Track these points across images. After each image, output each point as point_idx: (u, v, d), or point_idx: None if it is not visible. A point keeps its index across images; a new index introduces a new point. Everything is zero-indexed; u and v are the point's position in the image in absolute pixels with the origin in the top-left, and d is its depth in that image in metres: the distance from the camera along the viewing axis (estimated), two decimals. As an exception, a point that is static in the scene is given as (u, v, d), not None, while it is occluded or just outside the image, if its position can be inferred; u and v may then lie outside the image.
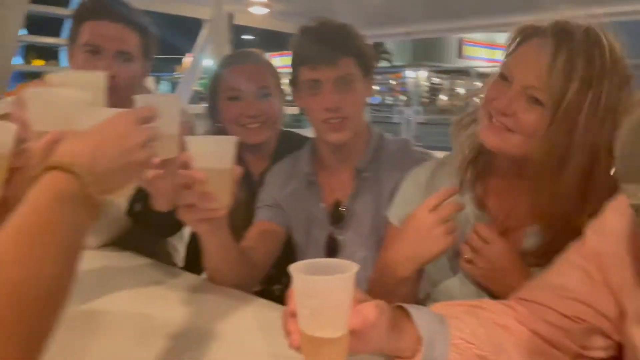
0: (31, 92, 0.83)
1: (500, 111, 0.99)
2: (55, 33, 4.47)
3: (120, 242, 1.46)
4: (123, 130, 0.72)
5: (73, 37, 1.45)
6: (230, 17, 3.65)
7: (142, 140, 0.74)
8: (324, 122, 1.28)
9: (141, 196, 1.04)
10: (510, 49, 1.05)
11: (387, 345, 0.78)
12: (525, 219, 1.08)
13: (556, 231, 1.01)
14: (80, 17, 1.44)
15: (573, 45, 0.93)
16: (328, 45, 1.25)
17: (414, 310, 0.82)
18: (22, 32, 3.62)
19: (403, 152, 1.39)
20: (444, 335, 0.81)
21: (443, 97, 26.86)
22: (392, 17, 4.14)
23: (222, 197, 0.95)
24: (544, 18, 1.02)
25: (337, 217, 1.36)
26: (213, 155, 0.94)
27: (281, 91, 1.57)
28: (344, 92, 1.27)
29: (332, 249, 1.35)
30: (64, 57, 4.45)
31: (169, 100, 0.97)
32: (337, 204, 1.37)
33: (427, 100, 25.64)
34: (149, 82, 4.49)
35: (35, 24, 3.92)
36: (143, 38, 1.47)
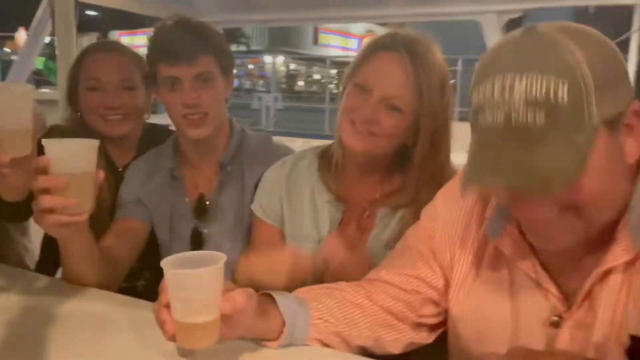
0: None
1: (364, 119, 1.10)
2: None
3: None
4: None
5: None
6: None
7: None
8: (184, 118, 1.27)
9: None
10: (361, 60, 1.15)
11: (255, 329, 0.86)
12: (376, 204, 1.20)
13: (403, 213, 1.17)
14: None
15: (420, 57, 1.09)
16: (187, 43, 1.25)
17: (278, 296, 0.90)
18: None
19: (265, 146, 1.43)
20: (305, 317, 0.91)
21: (300, 83, 27.49)
22: (249, 4, 4.14)
23: (83, 202, 0.91)
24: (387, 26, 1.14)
25: (201, 211, 1.36)
26: (74, 160, 0.88)
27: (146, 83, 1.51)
28: (202, 88, 1.27)
29: (197, 242, 1.35)
30: None
31: (19, 91, 0.90)
32: (202, 198, 1.37)
33: (285, 87, 26.04)
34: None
35: None
36: None
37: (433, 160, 1.14)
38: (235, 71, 1.43)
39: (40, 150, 0.90)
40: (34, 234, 1.68)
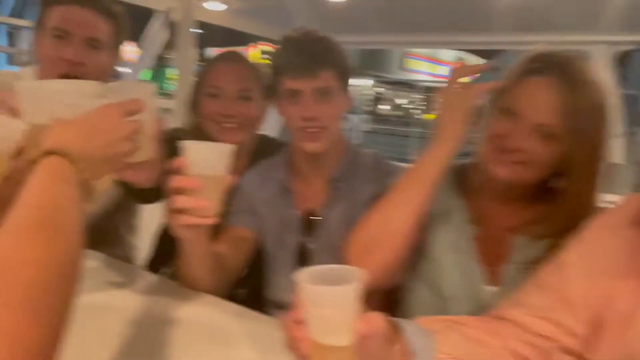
0: (24, 85, 0.81)
1: (513, 147, 1.06)
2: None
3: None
4: (110, 122, 0.73)
5: (40, 21, 1.38)
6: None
7: (127, 134, 0.75)
8: (302, 131, 1.30)
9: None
10: (510, 83, 1.11)
11: (380, 357, 0.79)
12: (514, 231, 1.16)
13: (544, 243, 1.10)
14: (47, 2, 1.37)
15: (575, 80, 1.04)
16: (310, 57, 1.28)
17: (405, 324, 0.84)
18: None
19: (377, 164, 1.42)
20: (429, 350, 0.85)
21: (384, 107, 27.44)
22: (347, 25, 4.21)
23: (214, 205, 0.93)
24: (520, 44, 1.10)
25: (308, 226, 1.36)
26: (208, 162, 0.91)
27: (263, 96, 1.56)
28: (322, 102, 1.28)
29: (303, 257, 1.35)
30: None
31: (144, 89, 0.92)
32: (310, 213, 1.38)
33: (369, 109, 26.11)
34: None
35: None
36: (114, 26, 1.42)
37: (585, 190, 1.08)
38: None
39: (173, 151, 0.94)
40: (142, 234, 1.77)
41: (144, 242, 1.71)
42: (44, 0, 1.39)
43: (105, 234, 1.53)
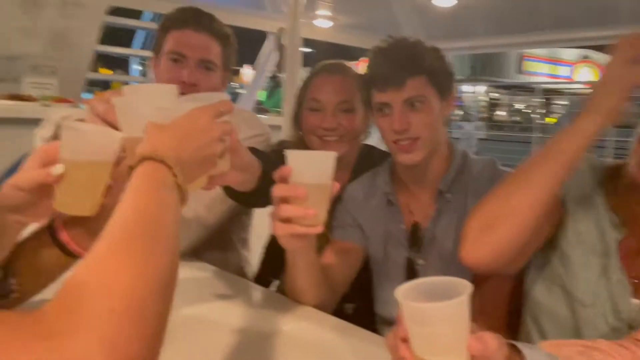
0: (120, 99, 0.85)
1: None
2: (126, 44, 4.68)
3: (193, 252, 1.47)
4: (202, 124, 0.74)
5: (158, 47, 1.49)
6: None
7: (219, 135, 0.77)
8: (394, 143, 1.25)
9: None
10: None
11: None
12: None
13: None
14: (165, 27, 1.48)
15: None
16: (396, 67, 1.23)
17: (527, 350, 0.76)
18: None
19: (491, 171, 1.31)
20: None
21: (501, 113, 26.21)
22: (457, 31, 4.09)
23: (319, 214, 0.92)
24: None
25: (416, 240, 1.30)
26: (313, 171, 0.90)
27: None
28: (412, 113, 1.23)
29: (411, 273, 1.29)
30: (133, 67, 4.67)
31: (219, 99, 0.89)
32: (416, 226, 1.31)
33: (484, 116, 25.09)
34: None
35: (105, 35, 4.11)
36: (225, 48, 1.50)
37: None
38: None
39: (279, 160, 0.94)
40: (253, 247, 1.82)
41: (254, 255, 1.76)
42: (162, 27, 1.50)
43: (219, 244, 1.59)
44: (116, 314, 0.44)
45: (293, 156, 0.91)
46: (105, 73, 4.61)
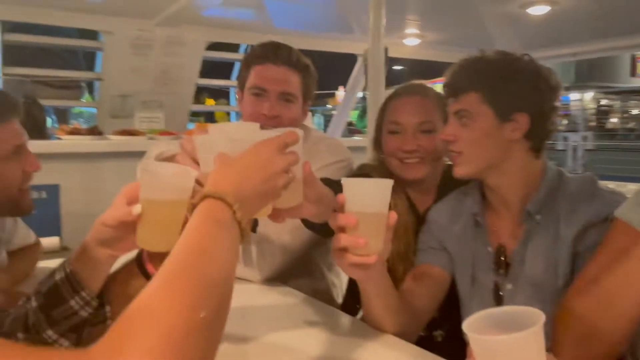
0: (201, 137, 0.89)
1: None
2: (226, 75, 4.96)
3: (280, 278, 1.49)
4: (265, 158, 0.76)
5: (241, 81, 1.57)
6: (386, 50, 3.72)
7: (282, 168, 0.77)
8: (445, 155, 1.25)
9: None
10: None
11: None
12: None
13: None
14: (247, 63, 1.56)
15: None
16: (457, 78, 1.23)
17: None
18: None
19: (587, 192, 1.20)
20: None
21: (613, 120, 24.31)
22: (555, 38, 3.89)
23: (373, 243, 0.89)
24: None
25: (502, 265, 1.23)
26: (365, 199, 0.89)
27: None
28: (461, 126, 1.20)
29: (498, 299, 1.23)
30: (233, 97, 4.94)
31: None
32: (503, 249, 1.24)
33: (594, 125, 23.40)
34: (308, 117, 4.74)
35: (210, 68, 4.38)
36: (304, 78, 1.55)
37: None
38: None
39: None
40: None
41: (343, 280, 1.75)
42: (245, 62, 1.58)
43: (305, 270, 1.61)
44: (155, 355, 0.45)
45: (347, 184, 0.90)
46: (210, 104, 4.89)
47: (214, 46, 4.22)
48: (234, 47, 4.81)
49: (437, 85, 1.58)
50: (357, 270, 0.94)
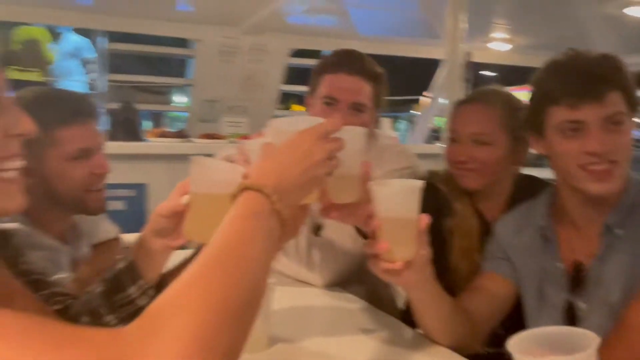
0: (254, 141, 0.91)
1: None
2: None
3: (342, 284, 1.46)
4: (306, 148, 0.74)
5: (312, 89, 1.57)
6: (468, 55, 3.61)
7: (323, 157, 0.75)
8: (583, 169, 1.08)
9: None
10: None
11: None
12: None
13: None
14: (320, 71, 1.56)
15: None
16: (592, 79, 1.06)
17: None
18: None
19: None
20: None
21: None
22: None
23: (398, 249, 0.87)
24: None
25: (577, 281, 1.13)
26: (389, 203, 0.86)
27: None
28: (612, 133, 1.06)
29: (570, 318, 1.13)
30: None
31: (349, 132, 0.86)
32: (578, 265, 1.14)
33: None
34: (385, 123, 4.68)
35: (295, 74, 4.48)
36: (375, 87, 1.53)
37: None
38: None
39: None
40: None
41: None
42: (317, 70, 1.58)
43: (367, 276, 1.58)
44: (184, 342, 0.46)
45: (375, 188, 0.87)
46: (296, 109, 5.04)
47: (298, 53, 4.31)
48: (317, 54, 4.90)
49: (522, 93, 1.48)
50: (388, 276, 0.92)
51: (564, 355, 0.57)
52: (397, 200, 0.86)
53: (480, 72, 7.47)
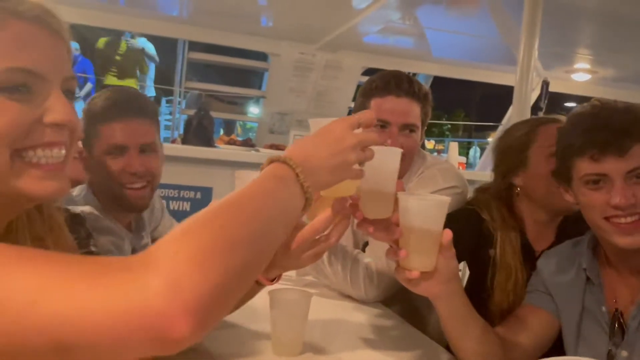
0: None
1: None
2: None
3: (386, 301, 1.45)
4: (338, 134, 0.78)
5: (358, 110, 1.57)
6: (545, 83, 3.50)
7: (354, 143, 0.78)
8: (609, 222, 1.05)
9: None
10: None
11: None
12: None
13: None
14: (367, 93, 1.57)
15: None
16: (614, 132, 1.04)
17: None
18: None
19: None
20: None
21: None
22: None
23: (418, 258, 0.89)
24: None
25: (617, 330, 1.07)
26: (410, 214, 0.88)
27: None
28: (636, 185, 1.03)
29: None
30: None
31: (386, 152, 0.90)
32: (619, 313, 1.09)
33: None
34: (452, 147, 4.59)
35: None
36: (423, 107, 1.53)
37: None
38: None
39: None
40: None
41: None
42: (364, 93, 1.58)
43: (412, 294, 1.57)
44: (180, 256, 0.50)
45: (400, 197, 0.89)
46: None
47: (370, 72, 4.35)
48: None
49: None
50: (409, 284, 0.93)
51: None
52: (420, 211, 0.88)
53: (565, 104, 7.18)
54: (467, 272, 1.53)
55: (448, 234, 0.90)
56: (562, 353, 1.16)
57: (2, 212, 0.66)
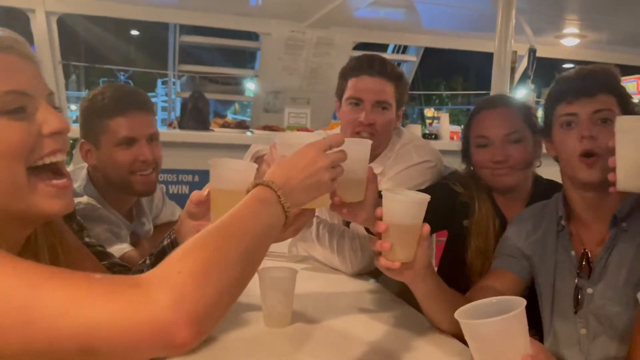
0: (279, 137, 1.04)
1: None
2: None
3: (376, 274, 1.51)
4: (311, 158, 0.88)
5: (339, 92, 1.68)
6: (534, 51, 3.53)
7: (327, 164, 0.88)
8: (578, 159, 1.18)
9: None
10: None
11: None
12: None
13: None
14: (344, 75, 1.66)
15: None
16: (587, 80, 1.22)
17: None
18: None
19: None
20: None
21: None
22: None
23: (399, 251, 0.98)
24: None
25: (586, 269, 1.21)
26: (396, 212, 0.96)
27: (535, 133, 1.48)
28: (601, 128, 1.17)
29: (579, 302, 1.21)
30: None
31: (357, 143, 1.00)
32: (587, 254, 1.22)
33: None
34: (444, 117, 4.64)
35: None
36: (397, 87, 1.61)
37: None
38: None
39: None
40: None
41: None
42: (341, 74, 1.67)
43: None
44: (182, 275, 0.59)
45: (384, 196, 0.98)
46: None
47: (361, 46, 4.36)
48: (381, 48, 4.91)
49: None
50: (390, 272, 1.02)
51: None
52: (405, 211, 0.96)
53: (564, 65, 7.15)
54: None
55: (427, 228, 0.99)
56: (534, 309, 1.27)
57: (22, 227, 0.75)
